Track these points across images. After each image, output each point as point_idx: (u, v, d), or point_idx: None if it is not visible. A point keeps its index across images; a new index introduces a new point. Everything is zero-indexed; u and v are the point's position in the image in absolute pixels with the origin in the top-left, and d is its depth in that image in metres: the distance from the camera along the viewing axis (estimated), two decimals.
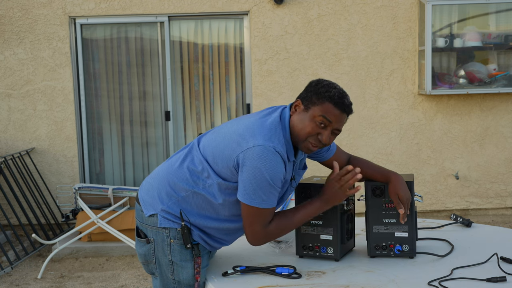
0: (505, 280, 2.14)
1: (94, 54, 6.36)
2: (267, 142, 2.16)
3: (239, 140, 2.19)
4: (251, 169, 2.14)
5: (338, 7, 6.22)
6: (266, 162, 2.14)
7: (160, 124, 6.43)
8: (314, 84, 2.27)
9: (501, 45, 6.20)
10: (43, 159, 6.30)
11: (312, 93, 2.24)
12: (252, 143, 2.15)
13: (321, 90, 2.23)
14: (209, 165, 2.25)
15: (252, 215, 2.21)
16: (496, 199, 6.46)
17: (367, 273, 2.30)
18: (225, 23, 6.37)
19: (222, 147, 2.23)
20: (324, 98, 2.21)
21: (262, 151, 2.14)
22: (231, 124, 2.33)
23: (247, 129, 2.21)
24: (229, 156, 2.19)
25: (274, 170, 2.16)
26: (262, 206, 2.19)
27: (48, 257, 5.10)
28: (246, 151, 2.15)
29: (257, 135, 2.17)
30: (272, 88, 6.29)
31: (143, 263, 2.41)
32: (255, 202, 2.18)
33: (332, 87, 2.24)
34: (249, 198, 2.18)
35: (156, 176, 2.39)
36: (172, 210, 2.29)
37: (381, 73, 6.30)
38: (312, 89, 2.25)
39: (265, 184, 2.16)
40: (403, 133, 6.38)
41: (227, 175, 2.22)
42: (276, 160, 2.16)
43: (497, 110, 6.36)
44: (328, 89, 2.23)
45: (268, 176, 2.15)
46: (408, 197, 2.37)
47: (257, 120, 2.25)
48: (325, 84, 2.25)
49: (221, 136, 2.28)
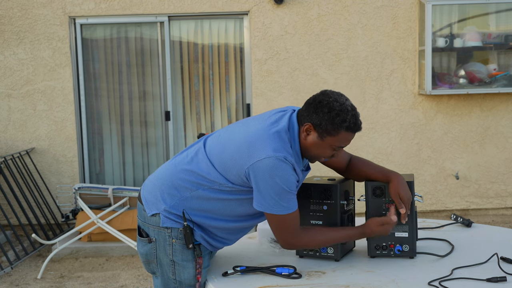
0: (505, 280, 2.14)
1: (94, 54, 6.36)
2: (277, 152, 2.16)
3: (248, 151, 2.19)
4: (266, 181, 2.16)
5: (338, 7, 6.22)
6: (279, 172, 2.15)
7: (160, 124, 6.43)
8: (327, 110, 2.20)
9: (501, 45, 6.20)
10: (43, 159, 6.30)
11: (327, 122, 2.19)
12: (262, 155, 2.16)
13: (336, 121, 2.18)
14: (216, 170, 2.26)
15: (279, 223, 2.24)
16: (496, 199, 6.46)
17: (367, 273, 2.29)
18: (225, 23, 6.37)
19: (230, 155, 2.23)
20: (341, 128, 2.20)
21: (273, 162, 2.15)
22: (238, 129, 2.32)
23: (255, 138, 2.21)
24: (239, 167, 2.20)
25: (288, 178, 2.18)
26: (285, 212, 2.21)
27: (48, 257, 5.10)
28: (256, 164, 2.16)
29: (266, 146, 2.17)
30: (272, 88, 6.29)
31: (144, 262, 2.41)
32: (278, 210, 2.20)
33: (345, 111, 2.19)
34: (271, 208, 2.20)
35: (159, 176, 2.39)
36: (175, 210, 2.29)
37: (381, 73, 6.30)
38: (326, 117, 2.19)
39: (283, 192, 2.18)
40: (403, 133, 6.37)
41: (236, 181, 2.24)
42: (288, 168, 2.17)
43: (497, 110, 6.36)
44: (344, 117, 2.19)
45: (284, 185, 2.17)
46: (409, 197, 2.37)
47: (265, 129, 2.23)
48: (337, 109, 2.19)
49: (228, 143, 2.27)
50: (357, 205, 4.75)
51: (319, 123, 2.21)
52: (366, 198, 2.45)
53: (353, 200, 2.54)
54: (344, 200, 2.44)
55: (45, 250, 5.69)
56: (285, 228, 2.24)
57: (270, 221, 2.25)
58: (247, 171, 2.18)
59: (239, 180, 2.23)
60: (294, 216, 2.24)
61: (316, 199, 2.43)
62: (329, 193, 2.41)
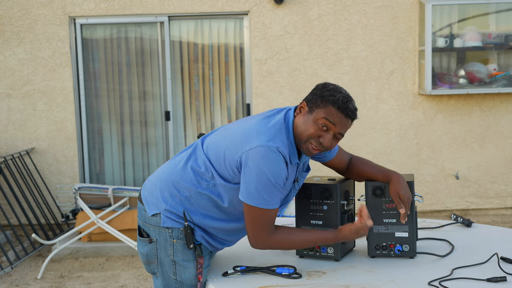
0: (506, 280, 2.14)
1: (94, 54, 6.36)
2: (270, 142, 2.16)
3: (242, 141, 2.19)
4: (254, 170, 2.14)
5: (338, 7, 6.22)
6: (269, 162, 2.14)
7: (160, 124, 6.43)
8: (320, 87, 2.27)
9: (501, 45, 6.20)
10: (43, 159, 6.30)
11: (317, 96, 2.24)
12: (255, 143, 2.16)
13: (326, 94, 2.22)
14: (212, 166, 2.25)
15: (255, 217, 2.20)
16: (496, 199, 6.46)
17: (367, 273, 2.30)
18: (225, 23, 6.37)
19: (224, 148, 2.23)
20: (328, 102, 2.20)
21: (265, 151, 2.14)
22: (235, 125, 2.33)
23: (251, 130, 2.22)
24: (232, 157, 2.19)
25: (277, 170, 2.15)
26: (265, 206, 2.18)
27: (48, 257, 5.10)
28: (248, 151, 2.15)
29: (260, 136, 2.17)
30: (272, 88, 6.29)
31: (144, 262, 2.41)
32: (258, 203, 2.17)
33: (338, 91, 2.24)
34: (252, 199, 2.17)
35: (159, 176, 2.39)
36: (175, 210, 2.30)
37: (381, 73, 6.30)
38: (318, 92, 2.25)
39: (268, 184, 2.15)
40: (403, 133, 6.37)
41: (228, 176, 2.23)
42: (279, 160, 2.16)
43: (497, 110, 6.36)
44: (333, 93, 2.22)
45: (271, 176, 2.15)
46: (409, 197, 2.37)
47: (261, 121, 2.25)
48: (331, 88, 2.25)
49: (224, 137, 2.28)
50: (357, 205, 4.75)
51: (311, 98, 2.26)
52: (366, 198, 2.45)
53: (353, 200, 2.54)
54: (344, 200, 2.44)
55: (45, 250, 5.69)
56: (261, 224, 2.21)
57: (247, 214, 2.21)
58: (239, 160, 2.17)
59: (231, 174, 2.21)
60: (272, 214, 2.21)
61: (316, 199, 2.43)
62: (329, 193, 2.41)
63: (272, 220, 2.23)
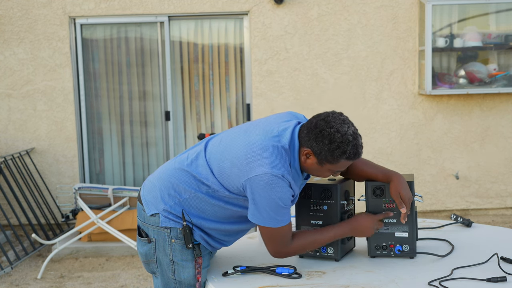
0: (506, 280, 2.14)
1: (94, 54, 6.36)
2: (274, 169, 2.16)
3: (247, 164, 2.19)
4: (262, 196, 2.17)
5: (338, 7, 6.22)
6: (275, 189, 2.16)
7: (160, 124, 6.43)
8: (327, 141, 2.17)
9: (501, 45, 6.20)
10: (43, 159, 6.30)
11: (327, 153, 2.18)
12: (260, 170, 2.16)
13: (336, 152, 2.17)
14: (214, 177, 2.26)
15: (271, 235, 2.25)
16: (496, 199, 6.46)
17: (367, 273, 2.30)
18: (225, 23, 6.37)
19: (229, 165, 2.23)
20: (341, 159, 2.20)
21: (270, 179, 2.15)
22: (239, 136, 2.30)
23: (255, 151, 2.20)
24: (237, 178, 2.21)
25: (284, 194, 2.19)
26: (278, 225, 2.22)
27: (48, 257, 5.10)
28: (253, 178, 2.17)
29: (264, 161, 2.17)
30: (272, 88, 6.29)
31: (144, 262, 2.42)
32: (271, 223, 2.21)
33: (346, 142, 2.18)
34: (265, 221, 2.21)
35: (159, 176, 2.39)
36: (174, 210, 2.30)
37: (381, 73, 6.30)
38: (326, 148, 2.17)
39: (278, 207, 2.19)
40: (403, 133, 6.37)
41: (233, 189, 2.25)
42: (284, 185, 2.18)
43: (497, 110, 6.36)
44: (344, 149, 2.17)
45: (279, 201, 2.18)
46: (410, 197, 2.37)
47: (266, 142, 2.22)
48: (338, 142, 2.17)
49: (227, 151, 2.27)
50: (357, 205, 4.75)
51: (319, 152, 2.20)
52: (366, 198, 2.45)
53: (353, 200, 2.54)
54: (344, 200, 2.44)
55: (45, 250, 5.69)
56: (277, 240, 2.26)
57: (263, 233, 2.26)
58: (244, 184, 2.19)
59: (236, 190, 2.24)
60: (287, 229, 2.25)
61: (316, 199, 2.43)
62: (329, 193, 2.41)
63: (288, 233, 2.27)
